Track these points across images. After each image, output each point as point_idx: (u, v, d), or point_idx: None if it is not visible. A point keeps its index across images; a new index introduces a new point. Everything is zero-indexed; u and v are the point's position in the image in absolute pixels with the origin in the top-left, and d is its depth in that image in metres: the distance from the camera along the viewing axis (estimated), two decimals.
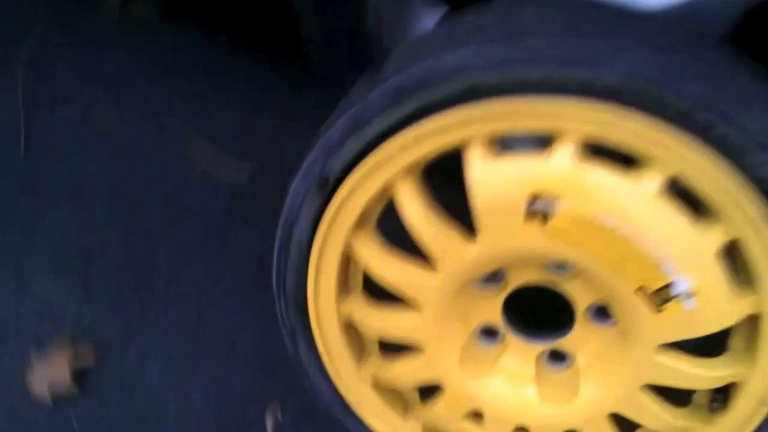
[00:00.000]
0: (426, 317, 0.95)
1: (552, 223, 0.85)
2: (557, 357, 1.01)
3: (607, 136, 0.82)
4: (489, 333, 1.01)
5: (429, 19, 1.18)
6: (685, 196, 0.84)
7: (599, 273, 0.87)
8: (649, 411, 0.95)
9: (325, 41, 1.18)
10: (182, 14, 1.68)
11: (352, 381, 1.04)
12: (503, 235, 0.87)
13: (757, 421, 0.94)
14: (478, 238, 0.89)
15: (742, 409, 0.94)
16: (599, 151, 0.85)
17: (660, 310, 0.86)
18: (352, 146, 0.90)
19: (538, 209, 0.85)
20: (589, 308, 0.95)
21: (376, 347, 1.04)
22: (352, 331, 1.02)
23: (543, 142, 0.85)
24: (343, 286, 0.99)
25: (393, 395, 1.06)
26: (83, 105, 1.55)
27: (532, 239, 0.86)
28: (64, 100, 1.55)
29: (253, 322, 1.35)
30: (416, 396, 1.08)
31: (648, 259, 0.84)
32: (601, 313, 0.96)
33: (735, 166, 0.80)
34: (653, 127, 0.80)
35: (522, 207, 0.85)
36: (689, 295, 0.85)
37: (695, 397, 0.99)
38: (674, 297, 0.85)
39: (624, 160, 0.84)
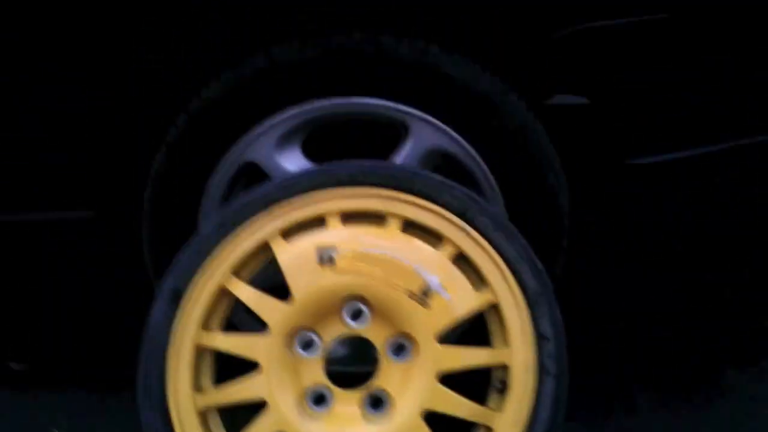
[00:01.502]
0: (267, 376, 1.23)
1: (338, 262, 1.23)
2: (377, 402, 1.28)
3: (355, 208, 1.28)
4: (319, 399, 1.28)
5: None
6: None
7: (381, 296, 1.24)
8: (452, 400, 1.23)
9: None
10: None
11: None
12: (308, 284, 1.24)
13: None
14: (293, 296, 1.24)
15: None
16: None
17: (429, 306, 1.23)
18: (193, 263, 1.26)
19: (324, 257, 1.24)
20: (387, 344, 1.28)
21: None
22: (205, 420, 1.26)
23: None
24: (197, 382, 1.25)
25: None
26: None
27: (328, 279, 1.24)
28: None
29: None
30: None
31: (407, 269, 1.23)
32: (400, 350, 1.28)
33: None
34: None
35: (314, 258, 1.24)
36: (442, 288, 1.23)
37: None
38: (434, 291, 1.23)
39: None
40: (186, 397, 1.24)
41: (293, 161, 1.53)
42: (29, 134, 1.52)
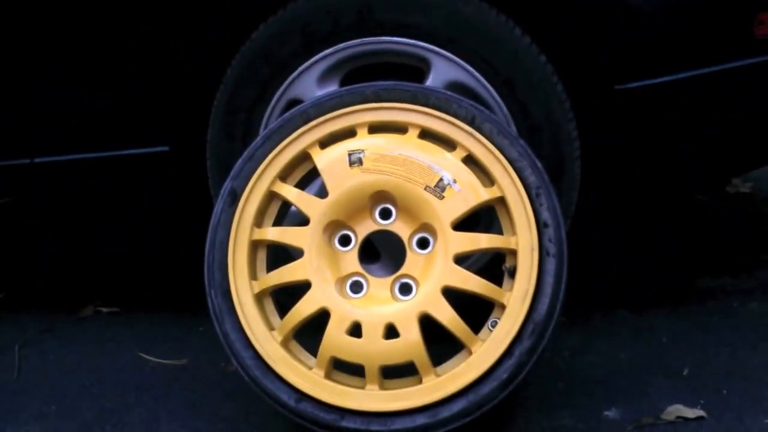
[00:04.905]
0: (309, 259, 1.46)
1: (365, 163, 1.47)
2: (405, 287, 1.50)
3: (379, 120, 1.51)
4: (355, 285, 1.50)
5: None
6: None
7: (403, 191, 1.46)
8: (468, 278, 1.44)
9: None
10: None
11: (267, 342, 1.46)
12: (341, 182, 1.47)
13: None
14: (329, 194, 1.48)
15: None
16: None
17: (442, 197, 1.45)
18: (247, 169, 1.51)
19: (354, 159, 1.47)
20: (412, 239, 1.49)
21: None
22: (261, 304, 1.49)
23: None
24: (252, 270, 1.49)
25: (297, 350, 1.49)
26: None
27: (357, 177, 1.47)
28: None
29: None
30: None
31: (424, 166, 1.45)
32: (423, 244, 1.50)
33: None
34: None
35: (346, 161, 1.47)
36: (454, 181, 1.45)
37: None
38: (447, 184, 1.44)
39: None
40: (244, 283, 1.48)
41: None
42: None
